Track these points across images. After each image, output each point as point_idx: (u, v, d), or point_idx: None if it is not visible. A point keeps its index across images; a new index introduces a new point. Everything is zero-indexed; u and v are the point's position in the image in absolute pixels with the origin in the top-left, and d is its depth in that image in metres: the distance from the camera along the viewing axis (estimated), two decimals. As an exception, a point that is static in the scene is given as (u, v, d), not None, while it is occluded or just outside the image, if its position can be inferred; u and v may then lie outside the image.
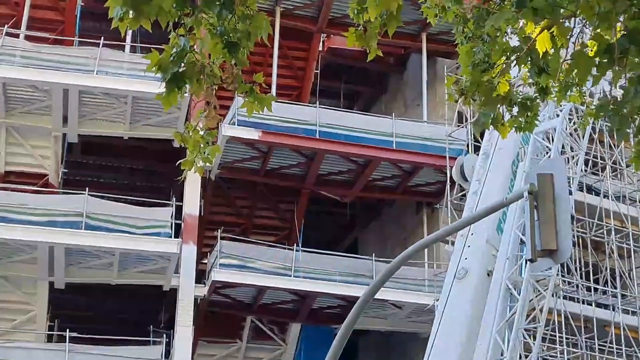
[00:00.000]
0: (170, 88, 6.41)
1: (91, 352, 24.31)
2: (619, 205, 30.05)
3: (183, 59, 6.38)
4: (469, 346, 13.33)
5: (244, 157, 27.86)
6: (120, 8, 5.57)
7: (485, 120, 7.95)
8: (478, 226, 14.55)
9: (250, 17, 6.59)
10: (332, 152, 27.56)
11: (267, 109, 7.14)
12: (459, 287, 14.05)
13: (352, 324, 11.15)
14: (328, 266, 27.26)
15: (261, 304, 28.19)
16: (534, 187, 9.06)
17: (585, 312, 28.34)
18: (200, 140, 7.42)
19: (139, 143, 28.69)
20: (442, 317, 14.01)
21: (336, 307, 28.74)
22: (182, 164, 7.77)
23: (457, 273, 14.21)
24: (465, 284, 13.99)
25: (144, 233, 24.80)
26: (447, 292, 14.23)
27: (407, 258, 11.12)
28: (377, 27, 7.44)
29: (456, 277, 14.20)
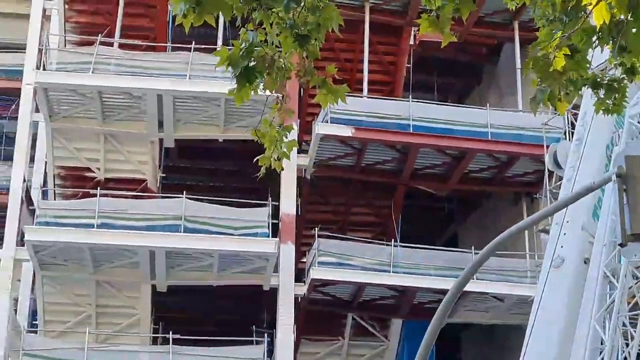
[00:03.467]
0: (242, 83, 6.42)
1: (194, 354, 24.60)
2: None
3: (252, 54, 6.38)
4: (568, 335, 13.08)
5: (338, 155, 27.87)
6: (184, 4, 5.60)
7: (542, 96, 7.77)
8: (573, 213, 14.28)
9: (319, 9, 6.55)
10: (426, 146, 27.38)
11: (341, 100, 7.09)
12: (556, 276, 13.79)
13: (443, 315, 11.08)
14: (427, 261, 27.09)
15: (361, 300, 28.16)
16: (623, 169, 8.83)
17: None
18: (276, 136, 7.40)
19: (234, 145, 28.92)
20: (539, 306, 13.78)
21: (437, 302, 28.45)
22: (259, 160, 7.77)
23: (553, 262, 13.95)
24: (562, 273, 13.73)
25: (242, 234, 25.01)
26: (544, 281, 13.99)
27: (495, 248, 10.94)
28: (449, 13, 7.33)
29: (552, 265, 13.94)
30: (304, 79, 6.96)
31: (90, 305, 26.31)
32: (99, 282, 26.10)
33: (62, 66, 25.58)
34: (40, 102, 25.63)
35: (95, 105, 25.69)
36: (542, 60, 7.49)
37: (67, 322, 26.31)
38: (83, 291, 26.28)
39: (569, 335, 13.11)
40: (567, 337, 13.10)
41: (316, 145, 26.96)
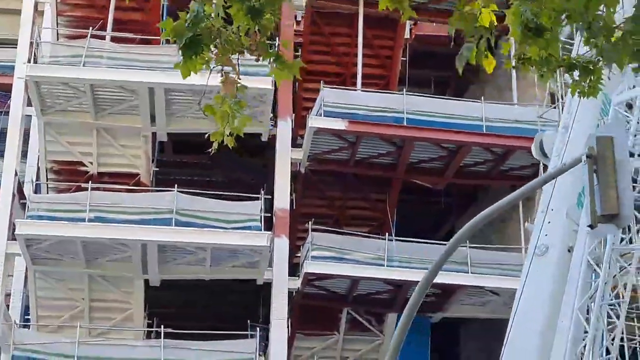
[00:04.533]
0: (187, 55, 6.29)
1: (187, 347, 24.49)
2: None
3: (198, 25, 6.25)
4: (550, 324, 12.93)
5: (333, 148, 27.74)
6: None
7: (468, 53, 7.63)
8: (558, 201, 14.14)
9: (273, -17, 6.41)
10: (422, 139, 27.25)
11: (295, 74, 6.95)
12: (539, 264, 13.64)
13: (415, 305, 10.92)
14: (422, 255, 26.92)
15: (356, 295, 28.01)
16: (593, 150, 8.69)
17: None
18: (229, 111, 7.24)
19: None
20: (522, 294, 13.65)
21: (432, 296, 28.37)
22: (211, 136, 7.63)
23: (537, 250, 13.80)
24: (546, 261, 13.58)
25: (234, 227, 24.91)
26: (527, 269, 13.86)
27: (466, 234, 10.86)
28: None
29: (536, 253, 13.79)
30: (256, 53, 6.79)
31: (83, 299, 26.23)
32: (92, 276, 26.02)
33: (54, 59, 25.49)
34: (32, 95, 25.54)
35: (87, 98, 25.59)
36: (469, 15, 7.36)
37: (60, 317, 26.22)
38: (76, 285, 26.20)
39: (552, 323, 12.97)
40: (550, 326, 12.96)
41: (310, 139, 26.83)
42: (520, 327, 13.35)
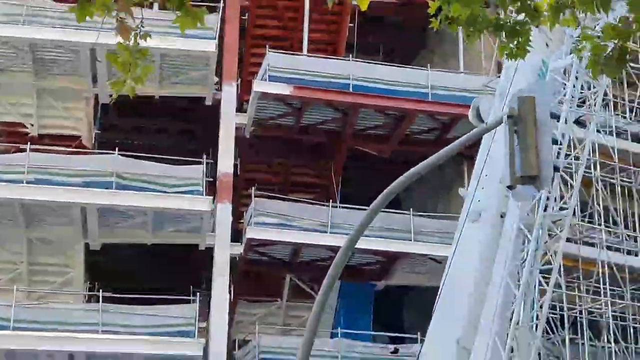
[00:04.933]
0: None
1: (127, 312, 24.24)
2: (666, 153, 29.23)
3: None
4: (481, 288, 12.92)
5: (278, 114, 27.54)
6: None
7: None
8: (491, 168, 14.10)
9: None
10: (367, 106, 27.13)
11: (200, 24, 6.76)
12: (472, 230, 13.61)
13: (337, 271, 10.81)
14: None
15: (299, 261, 27.95)
16: (514, 110, 8.59)
17: (631, 263, 27.66)
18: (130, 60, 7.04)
19: (174, 103, 28.51)
20: (454, 258, 13.62)
21: (375, 264, 28.43)
22: (111, 85, 7.42)
23: (470, 215, 13.76)
24: (478, 227, 13.55)
25: (176, 192, 24.68)
26: (459, 234, 13.82)
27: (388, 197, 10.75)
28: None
29: (469, 219, 13.76)
30: (161, 0, 6.58)
31: (22, 263, 25.88)
32: (31, 239, 25.68)
33: (-7, 17, 24.99)
34: (-29, 53, 25.09)
35: (28, 58, 25.15)
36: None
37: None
38: (15, 249, 25.85)
39: (482, 288, 12.94)
40: (480, 290, 12.94)
41: (254, 104, 26.60)
42: (450, 290, 13.31)
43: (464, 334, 12.61)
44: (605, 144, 28.07)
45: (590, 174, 27.75)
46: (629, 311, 27.10)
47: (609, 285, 26.83)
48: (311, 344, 10.99)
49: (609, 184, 28.40)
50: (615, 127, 28.99)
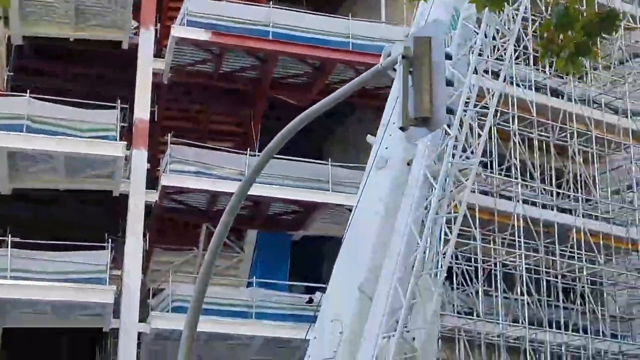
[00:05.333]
0: None
1: (36, 258, 23.76)
2: (583, 108, 29.45)
3: None
4: (384, 236, 12.81)
5: (197, 60, 27.11)
6: None
7: None
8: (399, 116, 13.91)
9: None
10: (287, 54, 26.83)
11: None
12: (377, 177, 13.48)
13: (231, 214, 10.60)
14: (283, 171, 26.65)
15: (216, 210, 27.60)
16: (410, 51, 8.42)
17: (546, 217, 27.94)
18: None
19: (90, 47, 27.87)
20: (359, 205, 13.50)
21: (292, 213, 28.31)
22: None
23: (377, 162, 13.63)
24: (384, 174, 13.41)
25: (89, 136, 24.19)
26: (365, 181, 13.69)
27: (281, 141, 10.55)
28: None
29: (375, 166, 13.62)
30: None
31: None
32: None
33: None
34: None
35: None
36: None
37: None
38: None
39: (386, 235, 12.85)
40: (384, 237, 12.83)
41: (172, 49, 26.13)
42: (354, 237, 13.20)
43: (366, 281, 12.51)
44: (524, 98, 28.24)
45: (508, 127, 27.93)
46: (542, 264, 27.43)
47: (523, 239, 27.12)
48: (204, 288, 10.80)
49: (527, 138, 28.59)
50: (534, 81, 29.16)
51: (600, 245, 28.23)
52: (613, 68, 31.04)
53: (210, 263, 10.84)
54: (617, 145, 30.19)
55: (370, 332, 12.03)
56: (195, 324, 10.94)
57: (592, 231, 28.30)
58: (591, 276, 28.64)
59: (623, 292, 30.04)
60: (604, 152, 29.94)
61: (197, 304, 10.86)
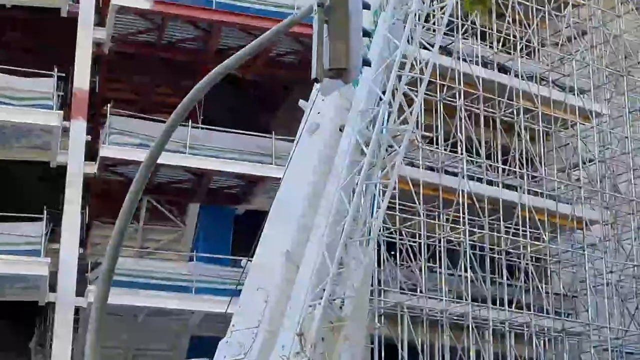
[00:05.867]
0: None
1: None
2: (530, 84, 29.28)
3: None
4: (314, 202, 12.44)
5: (139, 30, 26.58)
6: None
7: None
8: (333, 80, 13.54)
9: None
10: (230, 25, 26.37)
11: None
12: (308, 142, 13.09)
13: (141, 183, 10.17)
14: (226, 144, 26.24)
15: (157, 183, 27.18)
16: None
17: (492, 194, 27.75)
18: None
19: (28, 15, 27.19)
20: (288, 171, 13.10)
21: (235, 187, 27.88)
22: None
23: (308, 127, 13.24)
24: (315, 139, 13.03)
25: (24, 105, 23.57)
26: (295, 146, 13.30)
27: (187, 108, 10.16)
28: None
29: (306, 130, 13.23)
30: None
31: None
32: None
33: None
34: None
35: None
36: None
37: None
38: None
39: (316, 201, 12.47)
40: (312, 204, 12.46)
41: (113, 18, 25.56)
42: (283, 203, 12.81)
43: (294, 248, 12.13)
44: (470, 74, 27.99)
45: (455, 102, 27.68)
46: (486, 241, 27.23)
47: (467, 215, 26.90)
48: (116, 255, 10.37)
49: (474, 114, 28.36)
50: (481, 57, 28.93)
51: (545, 222, 28.08)
52: (561, 45, 30.87)
53: (121, 230, 10.38)
54: (564, 122, 30.06)
55: (296, 301, 11.67)
56: (105, 296, 10.49)
57: (537, 208, 28.15)
58: (536, 253, 28.51)
59: (568, 269, 29.97)
60: (550, 129, 29.79)
61: (107, 274, 10.40)
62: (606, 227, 30.62)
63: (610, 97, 31.90)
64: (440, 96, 27.48)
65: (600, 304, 29.26)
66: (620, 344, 29.43)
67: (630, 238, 30.65)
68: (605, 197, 30.66)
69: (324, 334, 11.34)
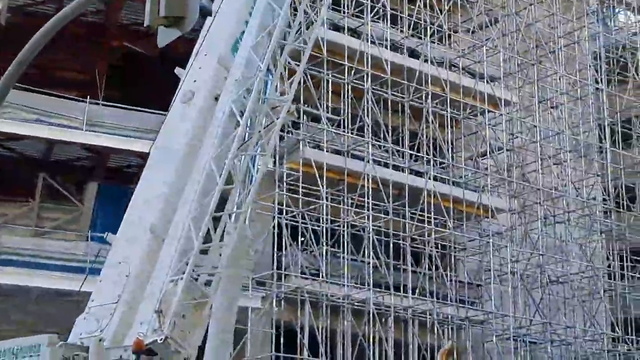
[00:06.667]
0: None
1: None
2: (440, 70, 28.95)
3: None
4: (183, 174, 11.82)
5: (37, 0, 25.62)
6: None
7: None
8: (211, 45, 12.96)
9: None
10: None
11: None
12: (182, 111, 12.47)
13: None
14: (125, 122, 25.45)
15: (54, 160, 26.30)
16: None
17: (397, 179, 27.38)
18: None
19: None
20: (157, 142, 12.46)
21: (135, 166, 27.04)
22: None
23: (183, 95, 12.61)
24: (189, 108, 12.41)
25: None
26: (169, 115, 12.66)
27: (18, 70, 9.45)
28: None
29: (180, 99, 12.60)
30: None
31: None
32: None
33: None
34: None
35: None
36: None
37: None
38: None
39: (185, 173, 11.86)
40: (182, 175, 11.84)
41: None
42: (150, 176, 12.17)
43: (159, 221, 11.52)
44: (379, 57, 27.58)
45: (362, 85, 27.24)
46: (390, 226, 26.85)
47: (372, 200, 26.49)
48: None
49: (382, 98, 27.96)
50: (391, 40, 28.54)
51: (451, 209, 27.80)
52: (472, 32, 30.62)
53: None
54: (473, 109, 29.82)
55: (158, 275, 11.04)
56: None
57: (443, 195, 27.84)
58: (442, 241, 28.21)
59: (474, 258, 29.76)
60: (459, 116, 29.51)
61: None
62: (514, 216, 30.50)
63: (521, 86, 31.76)
64: (347, 79, 27.01)
65: (506, 293, 29.09)
66: (524, 333, 29.33)
67: (537, 228, 30.57)
68: (513, 185, 30.50)
69: (185, 310, 10.73)
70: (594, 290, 31.22)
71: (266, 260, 25.49)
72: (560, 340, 30.16)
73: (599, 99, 34.22)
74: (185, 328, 10.71)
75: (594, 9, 34.59)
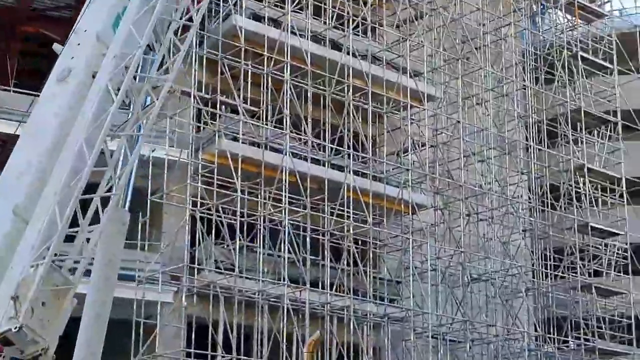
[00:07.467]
0: None
1: None
2: (362, 63, 28.47)
3: None
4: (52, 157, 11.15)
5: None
6: None
7: None
8: (91, 22, 12.31)
9: None
10: (44, -18, 24.83)
11: None
12: (57, 89, 11.79)
13: None
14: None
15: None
16: None
17: (316, 172, 26.86)
18: None
19: None
20: (30, 120, 11.78)
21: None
22: None
23: (59, 74, 11.93)
24: (65, 86, 11.74)
25: None
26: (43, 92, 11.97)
27: None
28: None
29: (56, 77, 11.92)
30: None
31: None
32: None
33: None
34: None
35: None
36: None
37: None
38: None
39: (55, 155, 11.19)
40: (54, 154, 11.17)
41: None
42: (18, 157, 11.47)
43: (24, 202, 10.84)
44: (299, 47, 27.06)
45: (282, 77, 26.68)
46: (308, 221, 26.31)
47: (289, 194, 25.94)
48: None
49: (303, 90, 27.41)
50: (313, 31, 28.04)
51: (370, 205, 27.32)
52: (397, 26, 30.19)
53: None
54: (397, 104, 29.36)
55: (19, 260, 10.37)
56: None
57: (364, 190, 27.35)
58: (362, 237, 27.72)
59: (395, 254, 29.32)
60: (382, 110, 29.06)
61: None
62: (437, 213, 30.12)
63: (446, 81, 31.40)
64: (267, 70, 26.43)
65: (426, 291, 28.67)
66: (444, 331, 28.96)
67: (459, 225, 30.22)
68: (435, 181, 30.12)
69: (45, 298, 10.05)
70: (517, 289, 30.96)
71: (179, 254, 24.84)
72: (481, 338, 29.84)
73: (525, 97, 34.02)
74: (45, 317, 10.03)
75: (522, 7, 34.35)
